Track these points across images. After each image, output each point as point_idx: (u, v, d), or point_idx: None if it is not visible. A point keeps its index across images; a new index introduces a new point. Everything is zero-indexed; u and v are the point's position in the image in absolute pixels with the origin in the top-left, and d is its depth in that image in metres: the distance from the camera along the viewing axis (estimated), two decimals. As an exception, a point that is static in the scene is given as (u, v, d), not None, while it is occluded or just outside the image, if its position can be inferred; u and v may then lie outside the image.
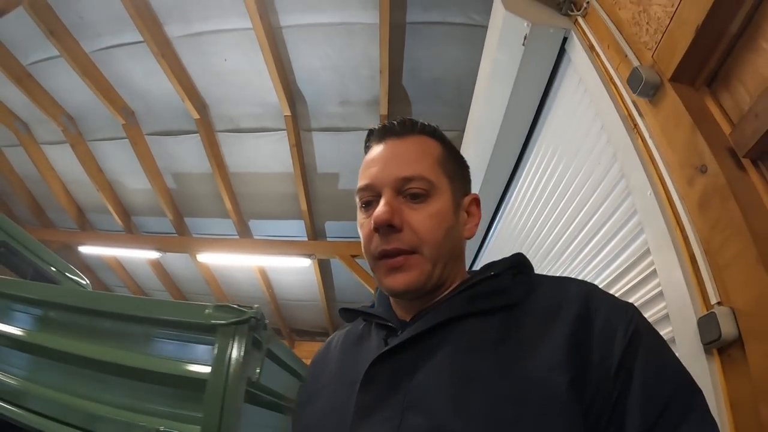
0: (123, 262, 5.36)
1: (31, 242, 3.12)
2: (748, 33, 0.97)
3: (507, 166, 2.17)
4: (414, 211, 0.59)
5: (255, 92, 3.05)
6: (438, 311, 0.58)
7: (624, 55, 1.31)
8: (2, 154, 4.48)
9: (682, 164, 1.08)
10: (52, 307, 1.56)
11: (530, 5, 1.64)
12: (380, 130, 0.66)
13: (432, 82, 2.87)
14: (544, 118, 1.88)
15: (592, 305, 0.53)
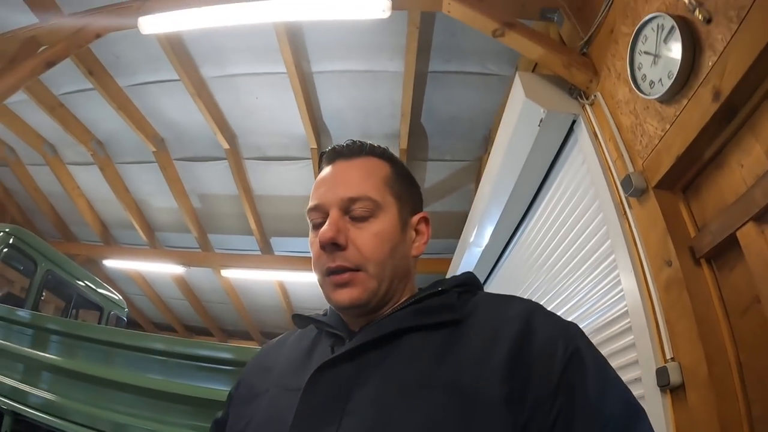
0: (144, 273, 5.82)
1: (76, 269, 3.58)
2: (717, 160, 1.39)
3: (518, 212, 2.60)
4: (359, 230, 0.66)
5: (282, 125, 3.45)
6: (383, 323, 0.64)
7: (621, 154, 1.74)
8: (27, 172, 4.86)
9: (655, 256, 1.52)
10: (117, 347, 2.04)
11: (546, 93, 2.06)
12: (330, 152, 0.73)
13: (448, 119, 3.28)
14: (552, 180, 2.30)
15: (534, 323, 0.58)
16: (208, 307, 6.53)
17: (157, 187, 4.36)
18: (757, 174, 1.21)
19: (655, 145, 1.54)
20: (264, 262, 4.80)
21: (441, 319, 0.62)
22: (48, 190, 5.04)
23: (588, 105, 1.97)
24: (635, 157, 1.67)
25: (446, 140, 3.42)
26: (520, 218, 2.63)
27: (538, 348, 0.55)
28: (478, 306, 0.65)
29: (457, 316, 0.62)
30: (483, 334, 0.59)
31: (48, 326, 2.25)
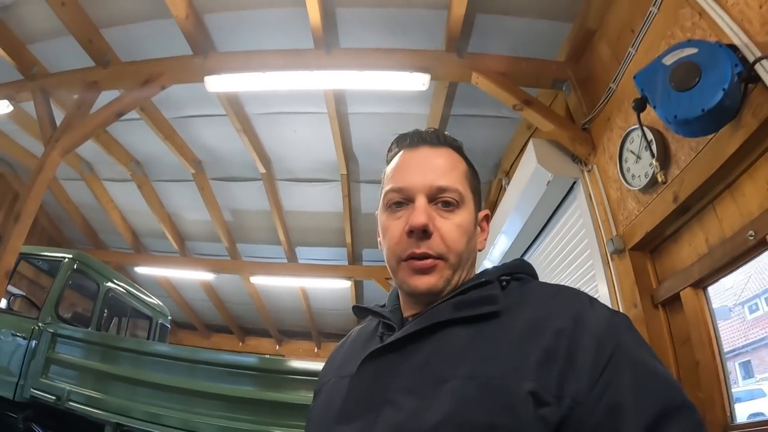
0: (172, 278, 6.60)
1: (131, 286, 4.26)
2: (674, 237, 2.11)
3: (524, 244, 3.36)
4: (444, 220, 0.71)
5: (316, 154, 4.10)
6: (427, 315, 0.68)
7: (608, 218, 2.47)
8: (60, 186, 5.47)
9: (627, 298, 2.26)
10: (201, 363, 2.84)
11: (554, 158, 2.76)
12: (414, 136, 0.78)
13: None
14: (554, 223, 3.05)
15: (578, 317, 0.61)
16: (230, 308, 7.38)
17: (191, 202, 5.02)
18: (698, 254, 1.95)
19: (632, 220, 2.28)
20: (289, 269, 5.56)
21: (480, 312, 0.65)
22: (80, 202, 5.68)
23: (586, 171, 2.69)
24: (618, 224, 2.40)
25: None
26: (524, 249, 3.40)
27: (579, 343, 0.57)
28: (527, 296, 0.67)
29: (497, 308, 0.65)
30: (523, 327, 0.61)
31: (149, 350, 3.07)
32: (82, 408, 2.90)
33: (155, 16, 3.10)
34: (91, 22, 3.26)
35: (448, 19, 2.80)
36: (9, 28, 3.42)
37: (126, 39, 3.33)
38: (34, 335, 3.27)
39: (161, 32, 3.20)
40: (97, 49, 3.33)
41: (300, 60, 2.99)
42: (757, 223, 1.61)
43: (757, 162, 1.65)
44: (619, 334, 0.60)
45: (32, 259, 3.86)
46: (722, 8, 1.71)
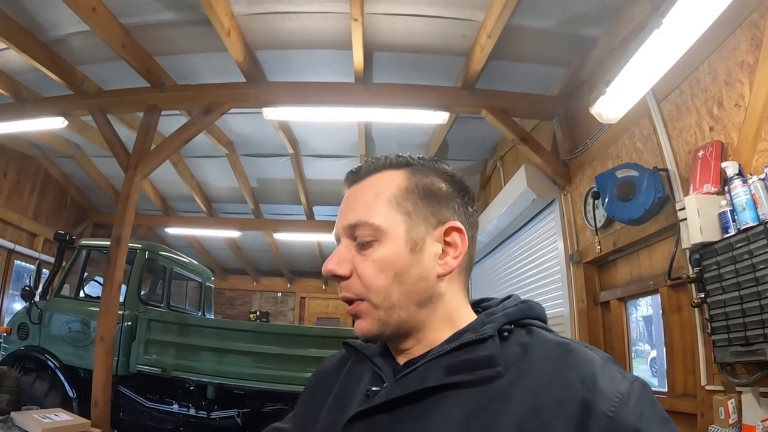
0: (199, 236, 7.97)
1: (187, 263, 5.41)
2: (614, 263, 3.37)
3: (504, 236, 4.65)
4: (362, 258, 0.70)
5: (338, 137, 5.01)
6: (416, 376, 0.66)
7: (573, 234, 3.68)
8: (91, 162, 6.42)
9: (578, 296, 3.59)
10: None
11: (539, 183, 3.85)
12: (346, 176, 0.79)
13: (466, 139, 4.99)
14: (531, 225, 4.29)
15: (592, 395, 0.56)
16: (248, 254, 8.89)
17: (221, 173, 6.04)
18: (625, 279, 3.23)
19: (587, 245, 3.49)
20: (308, 226, 6.86)
21: (475, 377, 0.62)
22: (110, 174, 6.68)
23: (563, 195, 3.83)
24: (579, 243, 3.62)
25: (462, 151, 5.19)
26: (494, 247, 4.70)
27: (594, 427, 0.55)
28: (529, 353, 0.64)
29: (495, 372, 0.62)
30: (529, 400, 0.59)
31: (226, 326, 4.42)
32: (185, 375, 4.09)
33: (210, 50, 3.77)
34: (148, 54, 3.91)
35: (467, 65, 3.66)
36: (58, 53, 4.00)
37: (180, 65, 4.03)
38: (125, 318, 4.29)
39: (213, 61, 3.90)
40: (153, 75, 4.01)
41: (342, 93, 3.86)
42: (655, 277, 2.85)
43: (662, 241, 2.84)
44: (636, 419, 0.55)
45: (104, 251, 4.72)
46: (667, 137, 2.72)
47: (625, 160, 2.99)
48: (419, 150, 5.04)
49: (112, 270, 3.81)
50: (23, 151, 6.47)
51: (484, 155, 5.36)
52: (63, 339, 4.44)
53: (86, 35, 3.77)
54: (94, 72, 4.31)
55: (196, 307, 5.66)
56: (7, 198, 6.49)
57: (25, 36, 3.75)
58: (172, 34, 3.72)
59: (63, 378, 4.27)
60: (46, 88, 4.55)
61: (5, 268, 6.56)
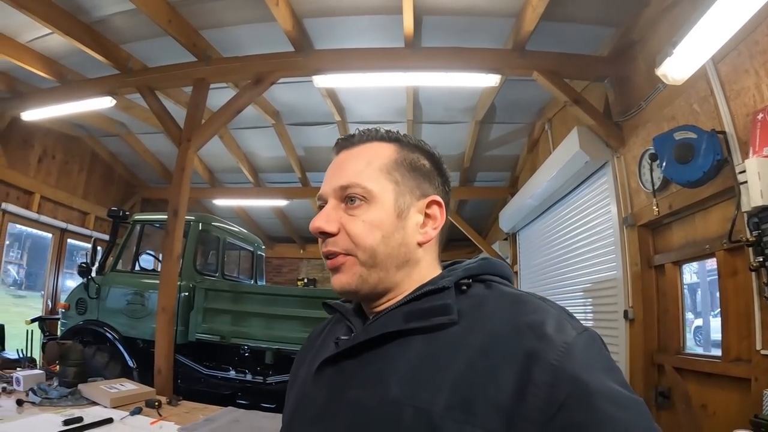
0: (246, 206, 8.52)
1: (240, 233, 5.82)
2: (668, 226, 3.55)
3: (554, 199, 4.84)
4: (351, 218, 0.79)
5: (385, 103, 5.22)
6: (378, 324, 0.76)
7: (627, 197, 3.86)
8: (137, 139, 6.95)
9: (632, 259, 3.79)
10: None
11: (592, 147, 4.02)
12: (337, 142, 0.89)
13: (513, 102, 5.13)
14: (581, 189, 4.48)
15: (537, 347, 0.62)
16: (293, 222, 9.42)
17: (267, 143, 6.41)
18: (680, 243, 3.42)
19: (642, 207, 3.67)
20: None
21: (430, 324, 0.71)
22: (156, 150, 7.22)
23: (615, 157, 4.00)
24: (633, 206, 3.79)
25: (510, 112, 5.36)
26: (553, 202, 4.89)
27: (536, 375, 0.60)
28: (484, 303, 0.73)
29: (448, 319, 0.70)
30: (479, 345, 0.66)
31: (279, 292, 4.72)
32: (243, 341, 4.46)
33: (256, 20, 4.02)
34: (194, 29, 4.19)
35: (518, 26, 3.79)
36: (101, 34, 4.32)
37: (225, 37, 4.29)
38: (182, 289, 4.60)
39: (259, 31, 4.15)
40: (199, 49, 4.29)
41: (390, 58, 4.05)
42: (711, 241, 3.04)
43: (718, 204, 3.01)
44: (577, 368, 0.60)
45: (157, 225, 5.15)
46: (725, 99, 2.83)
47: (681, 123, 3.11)
48: (467, 113, 5.27)
49: (170, 242, 4.15)
50: (69, 133, 6.98)
51: (532, 118, 5.51)
52: (121, 312, 4.85)
53: (129, 14, 4.06)
54: (138, 50, 4.64)
55: (248, 275, 6.08)
56: (57, 179, 7.05)
57: (68, 19, 4.06)
58: (217, 6, 3.96)
59: (123, 349, 4.68)
60: (90, 69, 4.91)
61: (59, 247, 7.18)
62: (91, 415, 2.57)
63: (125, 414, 2.70)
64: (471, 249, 9.87)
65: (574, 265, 4.73)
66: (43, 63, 4.82)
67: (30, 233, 6.83)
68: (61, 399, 2.93)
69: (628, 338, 3.74)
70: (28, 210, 6.47)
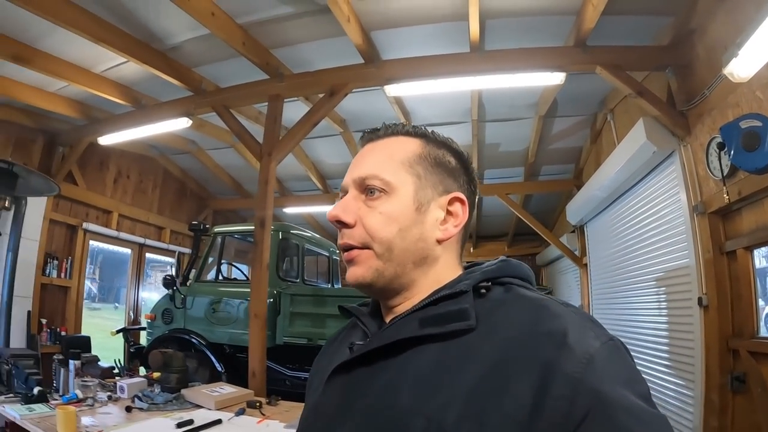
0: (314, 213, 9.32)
1: (317, 239, 6.38)
2: (739, 212, 3.74)
3: (622, 190, 5.06)
4: (369, 210, 0.81)
5: (450, 106, 5.58)
6: (393, 329, 0.77)
7: (696, 185, 4.09)
8: (207, 155, 7.75)
9: (704, 247, 3.99)
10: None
11: (659, 136, 4.25)
12: (363, 134, 0.91)
13: (575, 95, 5.39)
14: (648, 180, 4.69)
15: (559, 358, 0.61)
16: None
17: (334, 151, 6.99)
18: (751, 228, 3.63)
19: (711, 194, 3.86)
20: None
21: (446, 330, 0.70)
22: (225, 164, 8.05)
23: (682, 146, 4.24)
24: (702, 193, 3.98)
25: (571, 105, 5.61)
26: (621, 193, 5.11)
27: (555, 388, 0.60)
28: (503, 308, 0.72)
29: (466, 325, 0.70)
30: (497, 353, 0.65)
31: None
32: None
33: (325, 36, 4.48)
34: (265, 48, 4.67)
35: (579, 23, 4.01)
36: (174, 59, 4.88)
37: (295, 54, 4.78)
38: (268, 296, 4.92)
39: (328, 46, 4.59)
40: (271, 67, 4.76)
41: (456, 63, 4.39)
42: None
43: None
44: (598, 380, 0.60)
45: (237, 236, 5.68)
46: None
47: (745, 110, 3.28)
48: (530, 109, 5.59)
49: (259, 252, 4.50)
50: (142, 153, 7.81)
51: (593, 109, 5.70)
52: (207, 319, 5.33)
53: (200, 39, 4.57)
54: (210, 72, 5.19)
55: (325, 279, 6.62)
56: (132, 197, 7.90)
57: (143, 48, 4.59)
58: (287, 26, 4.40)
59: (210, 354, 5.15)
60: (163, 93, 5.51)
61: (138, 261, 7.99)
62: (199, 418, 2.87)
63: (231, 415, 3.02)
64: (537, 243, 10.13)
65: (644, 254, 4.89)
66: (118, 90, 5.43)
67: (102, 249, 7.55)
68: (167, 404, 3.27)
69: (703, 325, 3.91)
70: (108, 228, 7.26)
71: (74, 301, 6.67)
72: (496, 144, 6.78)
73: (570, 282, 8.17)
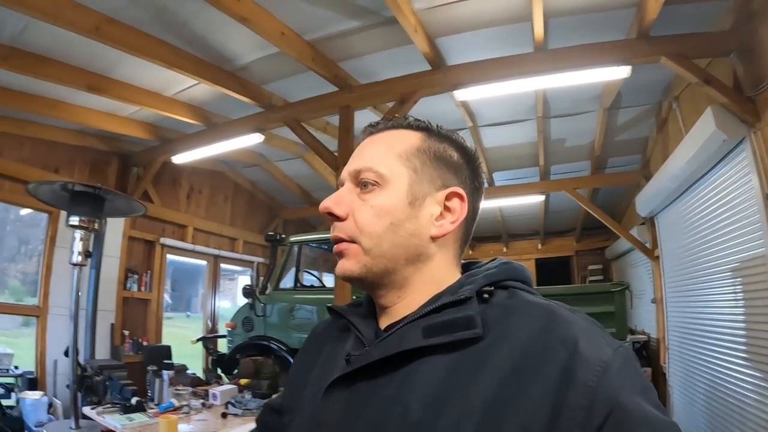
0: None
1: None
2: None
3: (691, 180, 5.19)
4: (361, 203, 0.82)
5: (513, 104, 5.81)
6: (394, 339, 0.75)
7: None
8: (275, 166, 8.36)
9: None
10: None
11: (728, 124, 4.37)
12: (364, 128, 0.92)
13: (638, 85, 5.49)
14: (721, 166, 4.78)
15: (574, 361, 0.63)
16: None
17: None
18: None
19: None
20: (489, 192, 7.83)
21: (453, 339, 0.70)
22: (293, 174, 8.69)
23: (752, 132, 4.38)
24: None
25: (635, 95, 5.74)
26: (691, 183, 5.24)
27: (572, 397, 0.61)
28: (510, 314, 0.72)
29: (473, 334, 0.69)
30: (509, 362, 0.66)
31: None
32: None
33: (390, 47, 4.84)
34: (332, 61, 5.06)
35: (641, 15, 4.14)
36: (244, 78, 5.35)
37: (362, 66, 5.16)
38: None
39: (394, 56, 4.94)
40: (340, 79, 5.14)
41: (521, 63, 4.63)
42: None
43: None
44: (616, 387, 0.62)
45: (313, 244, 6.08)
46: None
47: None
48: (594, 102, 5.76)
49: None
50: (213, 169, 8.54)
51: (658, 98, 5.79)
52: (288, 326, 5.74)
53: (270, 58, 4.97)
54: (279, 88, 5.63)
55: None
56: (206, 211, 8.62)
57: (214, 70, 5.05)
58: (353, 39, 4.76)
59: (292, 359, 5.27)
60: (233, 111, 6.01)
61: (213, 272, 8.68)
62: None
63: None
64: (606, 236, 10.25)
65: (718, 245, 4.96)
66: (189, 111, 5.89)
67: (172, 260, 8.19)
68: (260, 408, 3.73)
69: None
70: (184, 242, 7.94)
71: (154, 312, 7.36)
72: (562, 139, 6.96)
73: (642, 275, 8.14)
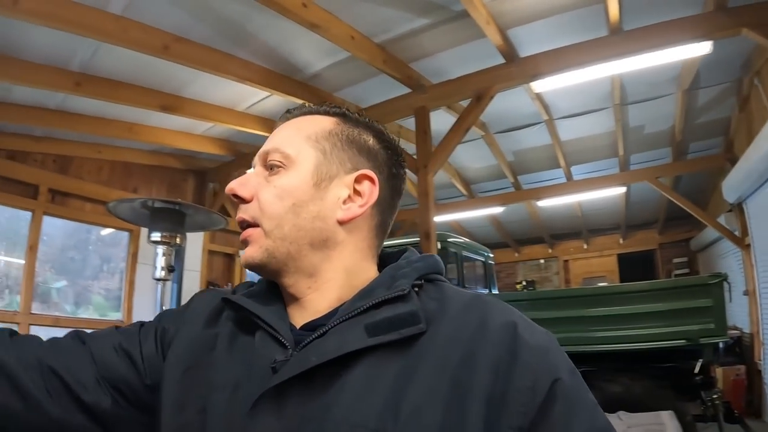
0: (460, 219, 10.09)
1: (472, 246, 7.07)
2: None
3: None
4: (266, 184, 0.81)
5: (588, 93, 5.90)
6: (331, 339, 0.70)
7: None
8: None
9: None
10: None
11: None
12: (281, 115, 0.91)
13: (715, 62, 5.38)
14: None
15: (515, 346, 0.68)
16: (506, 226, 10.94)
17: (476, 155, 7.63)
18: None
19: None
20: (568, 187, 8.19)
21: (401, 336, 0.69)
22: None
23: None
24: None
25: (713, 73, 5.66)
26: None
27: (517, 379, 0.65)
28: (445, 306, 0.74)
29: (419, 329, 0.70)
30: (457, 353, 0.68)
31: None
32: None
33: (461, 42, 4.94)
34: (403, 62, 5.17)
35: None
36: (315, 87, 5.54)
37: (433, 64, 5.28)
38: None
39: (464, 52, 5.05)
40: (413, 80, 5.27)
41: (596, 47, 4.68)
42: None
43: None
44: (556, 366, 0.68)
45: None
46: None
47: None
48: (671, 84, 5.77)
49: None
50: None
51: (737, 74, 5.72)
52: None
53: (339, 64, 5.10)
54: (349, 94, 5.79)
55: (482, 284, 7.18)
56: None
57: (285, 81, 5.14)
58: (423, 38, 4.86)
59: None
60: None
61: None
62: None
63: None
64: (690, 227, 10.04)
65: None
66: (262, 124, 6.03)
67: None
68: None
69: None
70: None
71: (235, 323, 7.70)
72: (641, 126, 6.96)
73: (732, 266, 7.81)
